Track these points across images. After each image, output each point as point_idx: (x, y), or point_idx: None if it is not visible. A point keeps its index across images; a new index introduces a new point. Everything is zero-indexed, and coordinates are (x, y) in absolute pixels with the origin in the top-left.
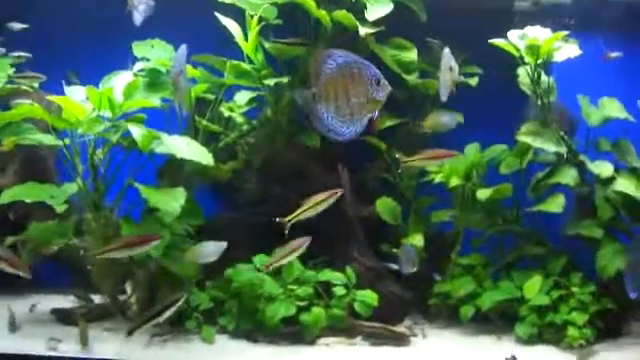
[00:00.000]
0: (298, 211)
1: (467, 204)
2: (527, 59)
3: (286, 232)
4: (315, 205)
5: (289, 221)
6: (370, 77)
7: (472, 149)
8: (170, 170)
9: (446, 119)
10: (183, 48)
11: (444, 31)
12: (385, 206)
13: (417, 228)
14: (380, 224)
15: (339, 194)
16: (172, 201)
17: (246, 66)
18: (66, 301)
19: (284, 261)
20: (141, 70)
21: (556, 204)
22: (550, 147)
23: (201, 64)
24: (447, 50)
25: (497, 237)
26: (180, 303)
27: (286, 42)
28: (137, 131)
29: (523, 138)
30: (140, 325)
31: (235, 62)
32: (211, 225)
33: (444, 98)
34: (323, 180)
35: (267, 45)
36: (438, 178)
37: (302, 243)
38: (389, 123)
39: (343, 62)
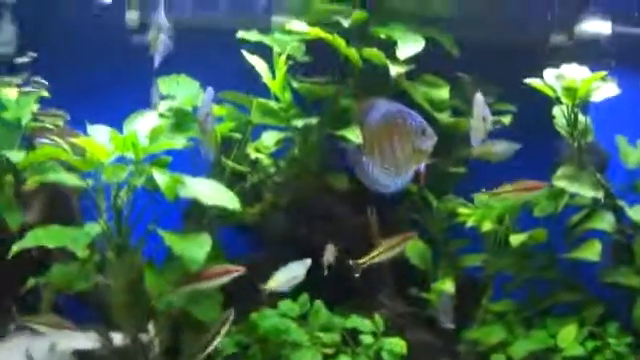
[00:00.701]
0: (372, 254)
1: (499, 248)
2: (564, 100)
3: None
4: (389, 248)
5: (363, 263)
6: (415, 127)
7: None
8: (196, 213)
9: (500, 148)
10: (210, 90)
11: (476, 66)
12: (415, 249)
13: (448, 272)
14: (409, 267)
15: (413, 237)
16: (197, 248)
17: (273, 105)
18: (87, 339)
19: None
20: (168, 109)
21: (592, 251)
22: (587, 192)
23: (228, 101)
24: (479, 97)
25: (530, 283)
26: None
27: (314, 81)
28: (161, 178)
29: (559, 183)
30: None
31: (262, 100)
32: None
33: (476, 145)
34: (351, 222)
35: (295, 84)
36: (470, 222)
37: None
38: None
39: (387, 112)
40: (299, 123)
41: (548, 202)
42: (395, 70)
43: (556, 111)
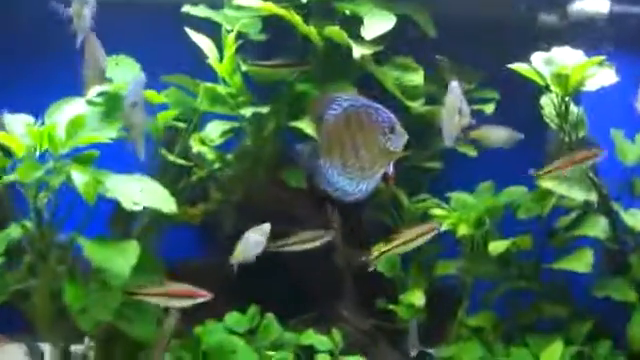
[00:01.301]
0: (388, 246)
1: (477, 254)
2: (553, 88)
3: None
4: (409, 240)
5: (376, 258)
6: (382, 124)
7: (485, 190)
8: (123, 216)
9: (501, 134)
10: (140, 76)
11: (455, 48)
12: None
13: (418, 282)
14: (375, 275)
15: (436, 229)
16: (121, 260)
17: (222, 90)
18: (20, 351)
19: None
20: (100, 94)
21: (582, 262)
22: (577, 194)
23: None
24: (455, 85)
25: (511, 293)
26: None
27: (267, 64)
28: (80, 177)
29: (545, 183)
30: None
31: (210, 85)
32: (179, 272)
33: (449, 143)
34: (311, 221)
35: (245, 67)
36: (445, 225)
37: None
38: None
39: (350, 106)
40: (247, 112)
41: (533, 203)
42: (359, 52)
43: (545, 101)
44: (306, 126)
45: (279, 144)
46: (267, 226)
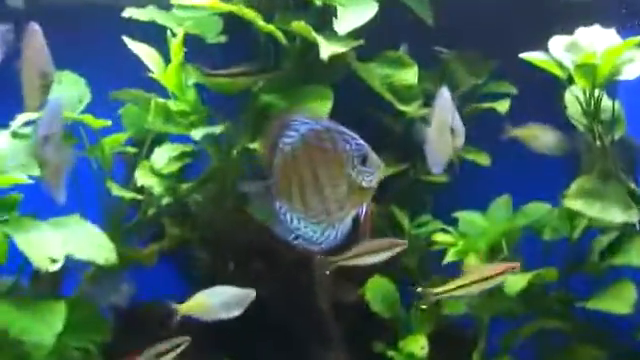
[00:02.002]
0: (451, 285)
1: (493, 288)
2: (579, 82)
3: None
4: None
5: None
6: (350, 153)
7: (501, 208)
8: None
9: (550, 139)
10: (56, 103)
11: (459, 34)
12: (377, 290)
13: (424, 322)
14: (371, 314)
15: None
16: (44, 328)
17: (174, 106)
18: None
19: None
20: (26, 123)
21: (623, 301)
22: (614, 216)
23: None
24: (444, 94)
25: (537, 335)
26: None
27: (224, 73)
28: None
29: (572, 203)
30: None
31: (161, 101)
32: (142, 315)
33: (437, 170)
34: (288, 256)
35: (197, 78)
36: (450, 256)
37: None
38: (386, 172)
39: (309, 131)
40: (197, 133)
41: (562, 222)
42: (328, 50)
43: (568, 97)
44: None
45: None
46: (252, 293)
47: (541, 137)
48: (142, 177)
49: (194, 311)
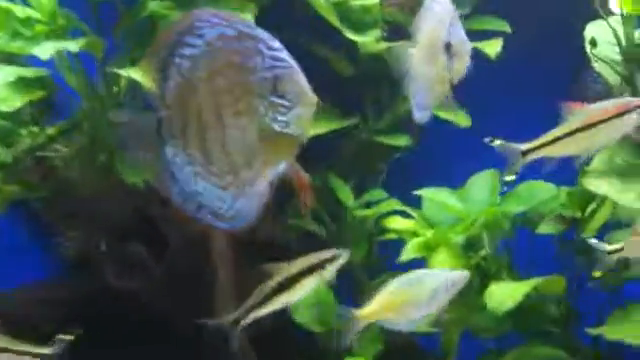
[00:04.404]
0: None
1: (470, 296)
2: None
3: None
4: None
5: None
6: (261, 72)
7: (482, 186)
8: None
9: None
10: None
11: None
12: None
13: (371, 339)
14: (296, 331)
15: None
16: None
17: (21, 13)
18: None
19: None
20: None
21: None
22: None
23: None
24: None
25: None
26: None
27: None
28: None
29: (594, 184)
30: None
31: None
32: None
33: (420, 117)
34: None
35: None
36: (410, 250)
37: None
38: (326, 128)
39: (217, 39)
40: (44, 51)
41: (570, 210)
42: None
43: (590, 31)
44: (142, 77)
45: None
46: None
47: None
48: None
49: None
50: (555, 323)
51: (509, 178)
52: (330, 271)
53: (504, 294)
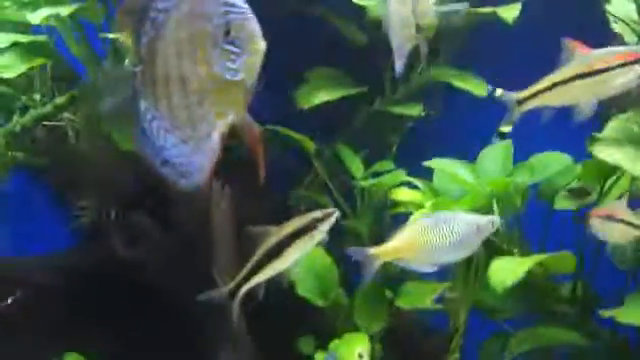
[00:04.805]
0: None
1: (477, 272)
2: None
3: None
4: None
5: None
6: (214, 18)
7: (496, 157)
8: None
9: None
10: None
11: None
12: (306, 265)
13: (374, 318)
14: (296, 302)
15: None
16: None
17: None
18: None
19: None
20: None
21: None
22: None
23: None
24: None
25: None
26: None
27: None
28: None
29: (605, 152)
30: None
31: None
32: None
33: (398, 65)
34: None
35: None
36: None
37: None
38: (322, 99)
39: None
40: (36, 16)
41: (587, 182)
42: None
43: None
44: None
45: None
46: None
47: None
48: None
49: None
50: (570, 304)
51: (505, 129)
52: (322, 231)
53: (506, 270)
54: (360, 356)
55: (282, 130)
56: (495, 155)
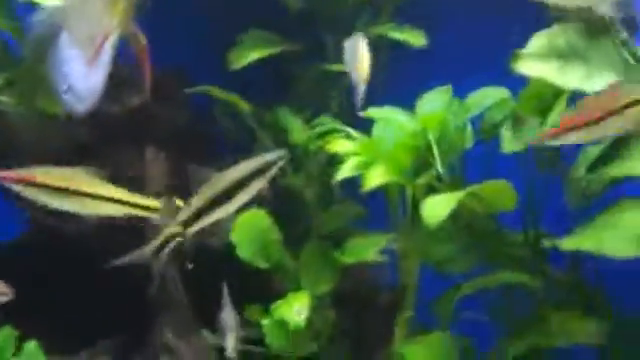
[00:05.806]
0: None
1: (422, 223)
2: None
3: None
4: None
5: None
6: None
7: (436, 100)
8: None
9: None
10: None
11: None
12: (245, 227)
13: (313, 280)
14: (235, 263)
15: None
16: None
17: None
18: None
19: None
20: None
21: (624, 237)
22: (589, 83)
23: None
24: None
25: (493, 293)
26: None
27: None
28: None
29: (525, 67)
30: None
31: None
32: None
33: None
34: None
35: None
36: (345, 170)
37: None
38: (254, 57)
39: None
40: None
41: (525, 109)
42: None
43: None
44: None
45: None
46: None
47: None
48: None
49: None
50: (521, 247)
51: None
52: (268, 176)
53: (439, 203)
54: (299, 313)
55: (212, 90)
56: (434, 98)
